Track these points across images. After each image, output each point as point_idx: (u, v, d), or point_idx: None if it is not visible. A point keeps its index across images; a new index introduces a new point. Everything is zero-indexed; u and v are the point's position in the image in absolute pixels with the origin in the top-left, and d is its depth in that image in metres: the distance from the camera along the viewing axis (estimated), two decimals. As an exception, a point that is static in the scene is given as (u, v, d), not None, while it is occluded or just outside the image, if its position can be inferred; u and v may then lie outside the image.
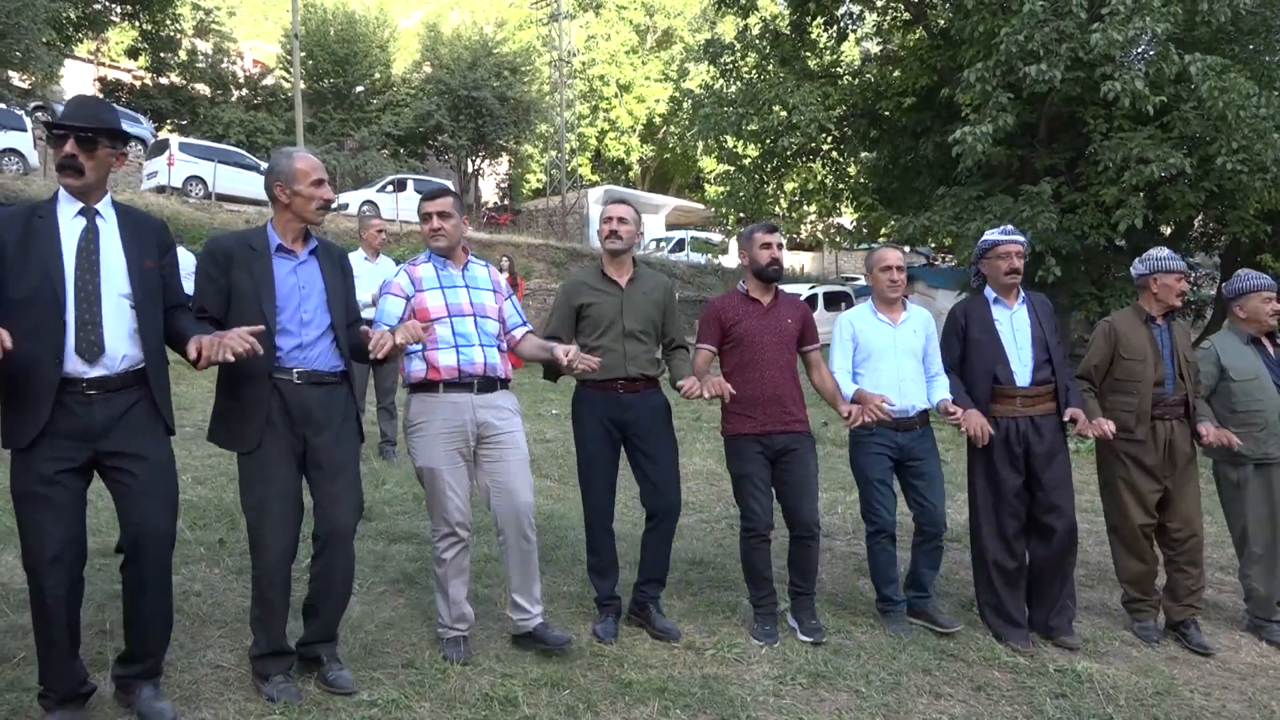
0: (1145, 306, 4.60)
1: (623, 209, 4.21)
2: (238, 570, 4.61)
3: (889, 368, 4.37)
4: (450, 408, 3.68)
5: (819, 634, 4.16)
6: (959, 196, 13.66)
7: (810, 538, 4.21)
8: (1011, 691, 3.76)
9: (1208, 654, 4.32)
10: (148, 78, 31.19)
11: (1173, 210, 12.88)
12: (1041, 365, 4.34)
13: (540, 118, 36.81)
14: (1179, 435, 4.50)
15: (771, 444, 4.14)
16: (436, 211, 3.80)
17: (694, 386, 3.91)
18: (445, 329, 3.71)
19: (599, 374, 3.93)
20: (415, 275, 3.83)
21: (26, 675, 3.28)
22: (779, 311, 4.25)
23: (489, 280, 3.94)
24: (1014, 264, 4.37)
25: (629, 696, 3.46)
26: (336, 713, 3.18)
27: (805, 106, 14.44)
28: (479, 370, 3.71)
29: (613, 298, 4.15)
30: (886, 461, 4.37)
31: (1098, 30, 11.22)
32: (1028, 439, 4.30)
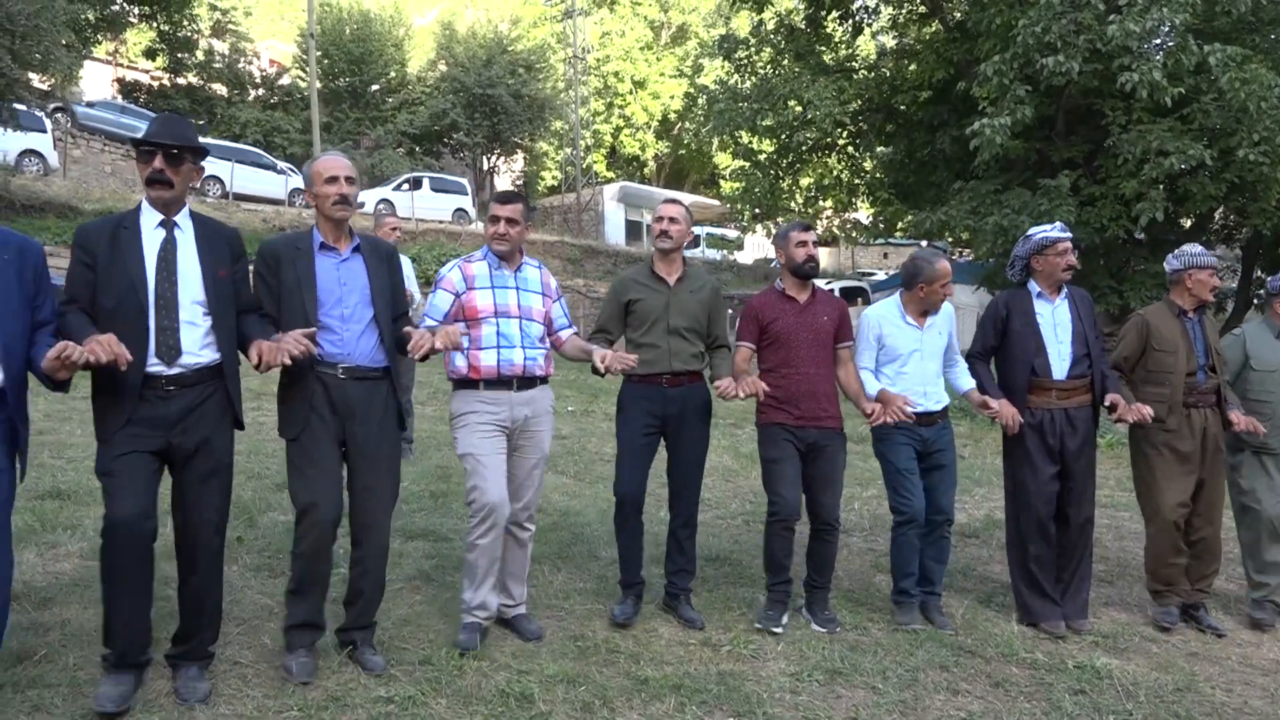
0: (1178, 300, 4.70)
1: (675, 209, 4.33)
2: (256, 568, 4.64)
3: (915, 371, 4.44)
4: (490, 403, 3.84)
5: (833, 625, 4.24)
6: (976, 190, 13.58)
7: (829, 533, 4.28)
8: (1030, 688, 3.73)
9: (1221, 635, 4.44)
10: (165, 78, 31.39)
11: (1193, 203, 12.74)
12: (1080, 359, 4.43)
13: (555, 115, 36.83)
14: (1212, 423, 4.59)
15: (804, 437, 4.22)
16: (506, 216, 3.90)
17: (730, 386, 3.97)
18: (490, 329, 3.85)
19: (644, 369, 4.10)
20: (469, 272, 3.94)
21: (49, 672, 3.32)
22: (815, 309, 4.33)
23: (539, 283, 4.07)
24: (1071, 260, 4.47)
25: (645, 693, 3.47)
26: (354, 709, 3.19)
27: (820, 101, 14.38)
28: (517, 371, 3.86)
29: (660, 295, 4.26)
30: (912, 451, 4.43)
31: (1115, 21, 11.12)
32: (1062, 431, 4.41)
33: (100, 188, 20.74)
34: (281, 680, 3.38)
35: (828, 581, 4.38)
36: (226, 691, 3.29)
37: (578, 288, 22.59)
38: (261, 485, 6.14)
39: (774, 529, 4.23)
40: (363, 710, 3.19)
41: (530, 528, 4.06)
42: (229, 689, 3.31)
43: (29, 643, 3.54)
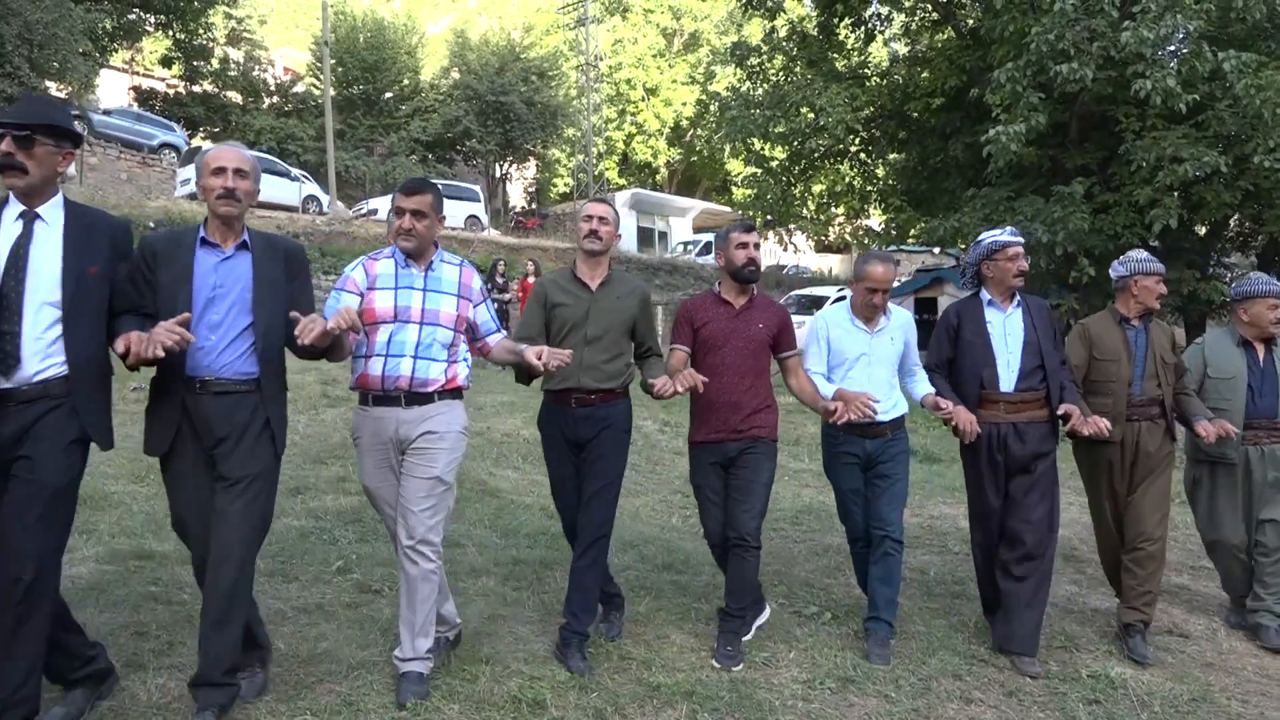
0: (1121, 308, 4.56)
1: (604, 208, 3.95)
2: (269, 573, 4.65)
3: (861, 376, 4.19)
4: (376, 422, 3.46)
5: (733, 662, 3.84)
6: (989, 198, 13.55)
7: (745, 547, 3.89)
8: (1043, 697, 3.72)
9: (1144, 664, 4.15)
10: (181, 86, 31.62)
11: (1208, 210, 12.70)
12: (1031, 371, 4.20)
13: (567, 122, 36.93)
14: (1146, 437, 4.41)
15: (725, 450, 3.99)
16: (411, 209, 3.44)
17: (666, 384, 3.68)
18: (385, 335, 3.43)
19: (555, 383, 3.84)
20: (373, 270, 3.51)
21: (64, 675, 3.33)
22: (751, 316, 4.06)
23: (456, 284, 3.59)
24: (1023, 265, 4.27)
25: (657, 700, 3.46)
26: (366, 714, 3.20)
27: (833, 108, 14.39)
28: (403, 384, 3.41)
29: (580, 301, 3.89)
30: (856, 471, 4.27)
31: (1129, 28, 11.10)
32: (1009, 446, 4.18)
33: (116, 195, 20.86)
34: (295, 684, 3.39)
35: (741, 610, 3.97)
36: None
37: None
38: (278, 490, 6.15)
39: (715, 555, 4.18)
40: (375, 715, 3.19)
41: (422, 564, 3.38)
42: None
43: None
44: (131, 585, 4.31)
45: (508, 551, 5.28)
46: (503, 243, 25.25)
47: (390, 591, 4.50)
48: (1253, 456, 4.64)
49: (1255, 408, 4.64)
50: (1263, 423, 4.64)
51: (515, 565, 5.02)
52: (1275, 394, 4.67)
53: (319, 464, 7.14)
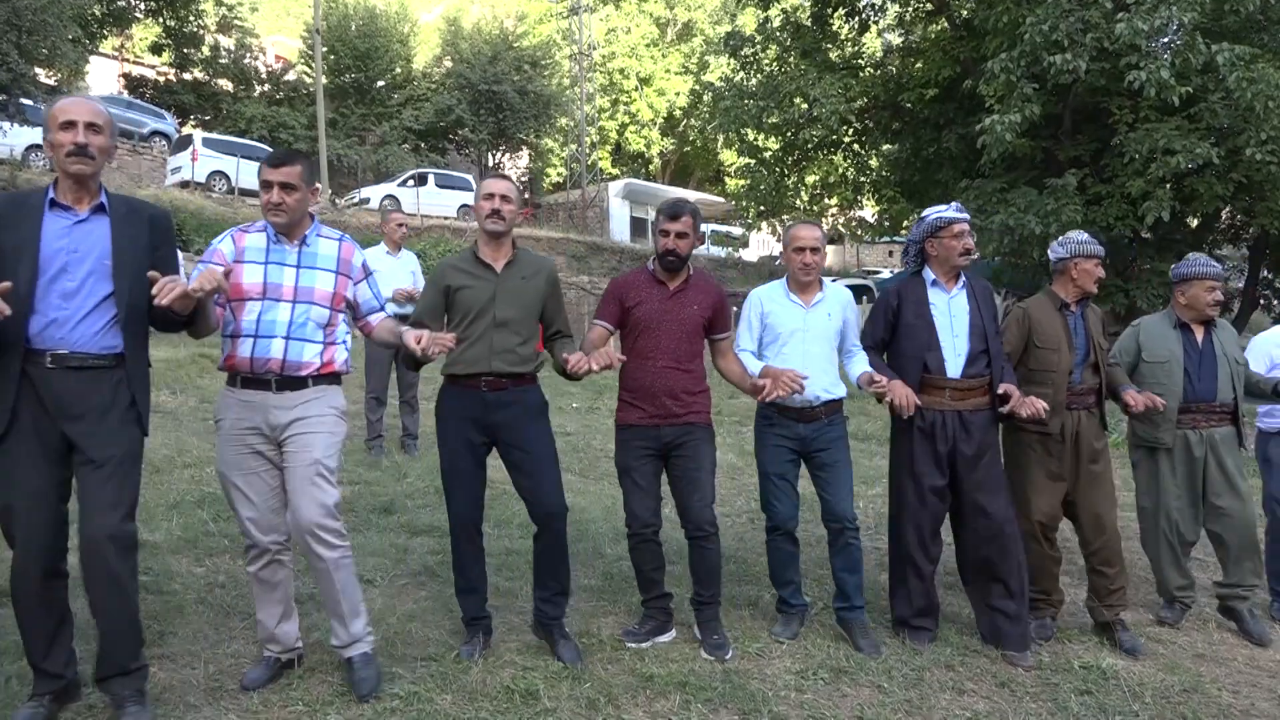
0: (1060, 292, 4.38)
1: (505, 185, 3.71)
2: (261, 562, 4.64)
3: (795, 353, 4.02)
4: (243, 406, 3.25)
5: (723, 650, 3.82)
6: (982, 189, 13.57)
7: (705, 537, 3.84)
8: (1035, 688, 3.72)
9: (1135, 656, 4.11)
10: (171, 73, 31.40)
11: (1200, 202, 12.72)
12: (977, 356, 4.05)
13: (560, 111, 36.79)
14: (1086, 427, 4.29)
15: (660, 436, 3.83)
16: (279, 182, 3.22)
17: (581, 360, 3.49)
18: (253, 313, 3.22)
19: (462, 368, 3.62)
20: (241, 244, 3.29)
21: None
22: (685, 297, 3.90)
23: (334, 259, 3.39)
24: (969, 244, 4.09)
25: (650, 690, 3.46)
26: (358, 704, 3.19)
27: (826, 99, 14.37)
28: (274, 367, 3.21)
29: (485, 283, 3.67)
30: (786, 454, 4.06)
31: (1123, 19, 11.10)
32: (954, 435, 4.02)
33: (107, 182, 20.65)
34: (287, 675, 3.38)
35: (715, 595, 3.91)
36: (230, 686, 3.29)
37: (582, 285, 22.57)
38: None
39: (631, 542, 3.92)
40: (367, 705, 3.19)
41: (325, 551, 3.21)
42: (232, 684, 3.31)
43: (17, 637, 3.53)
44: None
45: (500, 542, 5.27)
46: (495, 232, 25.13)
47: (383, 581, 4.49)
48: (1192, 440, 4.51)
49: (1193, 391, 4.51)
50: (1200, 406, 4.51)
51: (508, 556, 5.01)
52: (1214, 377, 4.53)
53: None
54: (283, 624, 3.38)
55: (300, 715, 3.11)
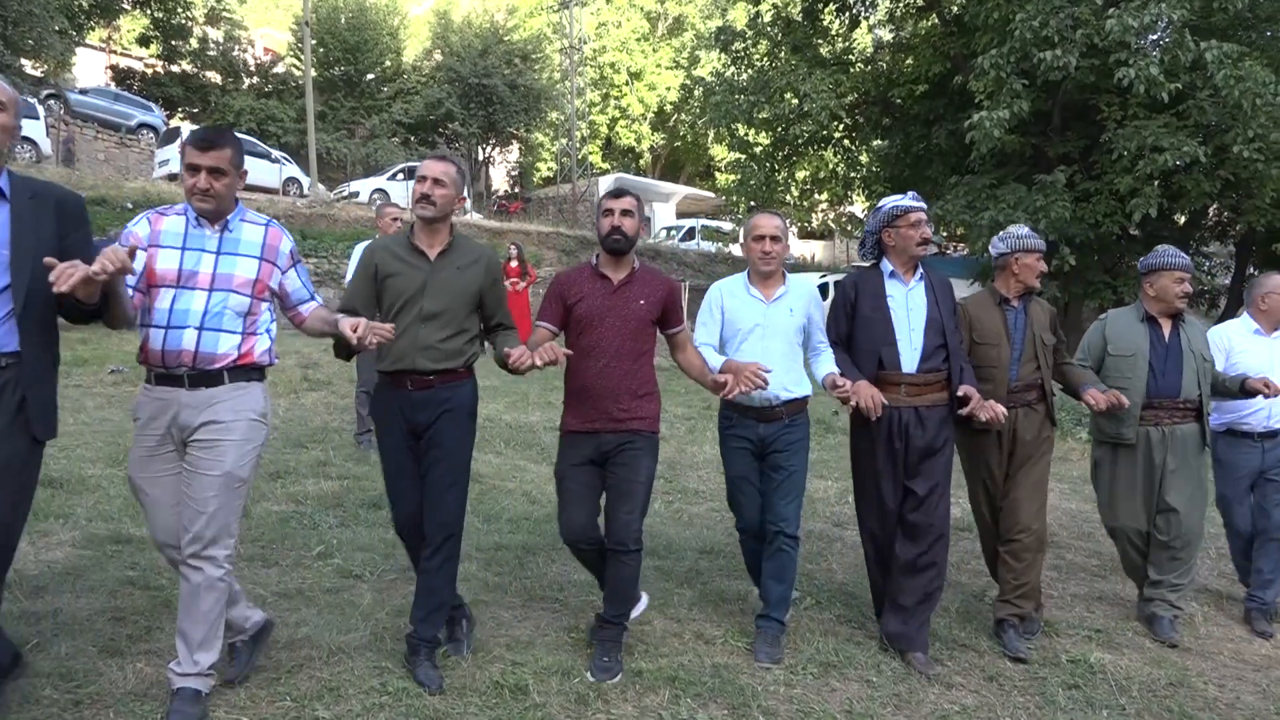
0: (1000, 288, 4.33)
1: (441, 167, 3.46)
2: (249, 557, 4.63)
3: (754, 349, 3.86)
4: (155, 403, 3.00)
5: (610, 673, 3.50)
6: (972, 185, 13.62)
7: (624, 552, 3.54)
8: (1023, 682, 3.74)
9: (1021, 660, 3.96)
10: (159, 65, 31.23)
11: (1187, 199, 12.80)
12: (934, 351, 3.93)
13: (551, 105, 36.73)
14: (1023, 424, 4.21)
15: (600, 443, 3.59)
16: (208, 166, 2.98)
17: (524, 355, 3.25)
18: (164, 302, 2.97)
19: (388, 364, 3.41)
20: (158, 227, 3.04)
21: (40, 660, 3.29)
22: (631, 291, 3.64)
23: (259, 245, 3.14)
24: (926, 233, 3.97)
25: (639, 685, 3.46)
26: (347, 700, 3.18)
27: (817, 94, 14.40)
28: (187, 360, 2.97)
29: (417, 271, 3.43)
30: (747, 456, 3.93)
31: (1113, 16, 11.15)
32: (909, 432, 3.90)
33: (94, 175, 20.60)
34: (275, 669, 3.36)
35: (620, 617, 3.65)
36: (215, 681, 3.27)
37: (572, 279, 22.52)
38: (256, 475, 6.11)
39: (569, 550, 3.71)
40: (356, 701, 3.18)
41: (208, 569, 2.97)
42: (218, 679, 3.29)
43: (20, 632, 3.51)
44: (109, 570, 4.27)
45: (490, 537, 5.27)
46: (485, 226, 25.12)
47: (372, 576, 4.48)
48: (1153, 437, 4.42)
49: (1156, 386, 4.42)
50: (1164, 402, 4.42)
51: (497, 550, 5.00)
52: (1179, 372, 4.44)
53: (299, 448, 7.09)
54: (231, 610, 3.18)
55: (288, 710, 3.10)
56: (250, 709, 3.09)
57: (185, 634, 3.00)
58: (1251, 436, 4.74)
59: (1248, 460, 4.75)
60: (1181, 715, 3.52)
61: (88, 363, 9.75)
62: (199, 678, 3.00)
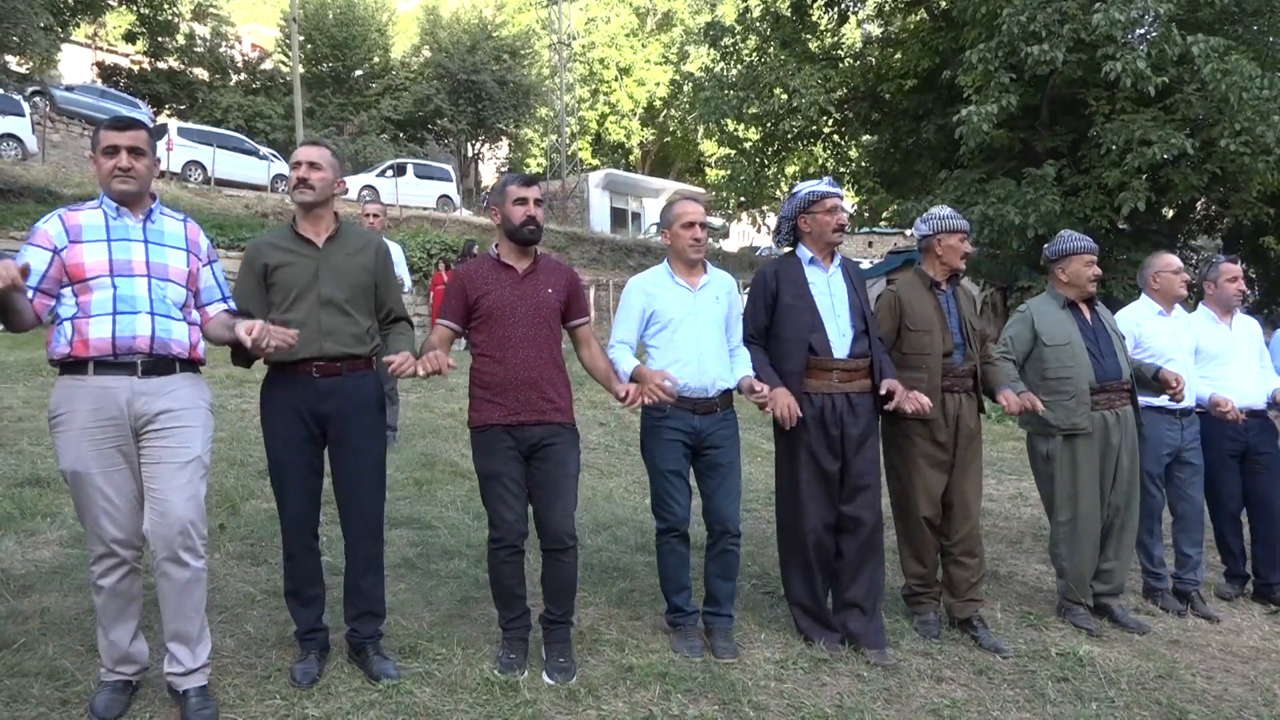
0: (928, 271, 4.25)
1: (313, 152, 3.35)
2: (238, 555, 4.61)
3: (688, 339, 3.77)
4: (100, 394, 2.88)
5: (568, 674, 3.43)
6: (961, 180, 13.64)
7: (563, 550, 3.50)
8: (1013, 675, 3.75)
9: (1002, 654, 3.94)
10: (146, 62, 31.08)
11: (1175, 192, 12.85)
12: (860, 335, 3.89)
13: (540, 101, 36.68)
14: (966, 410, 4.15)
15: (525, 436, 3.45)
16: (127, 145, 2.96)
17: (406, 361, 3.14)
18: (105, 292, 2.90)
19: (288, 354, 3.20)
20: (73, 222, 2.97)
21: (27, 660, 3.28)
22: (537, 280, 3.54)
23: (182, 238, 3.13)
24: (842, 219, 3.92)
25: (630, 681, 3.46)
26: (337, 697, 3.18)
27: (806, 89, 14.39)
28: (142, 346, 2.91)
29: (307, 260, 3.34)
30: (680, 449, 3.78)
31: (1100, 10, 11.17)
32: (844, 419, 3.84)
33: (80, 172, 20.48)
34: (264, 668, 3.35)
35: (567, 614, 3.58)
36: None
37: (562, 275, 22.52)
38: (244, 473, 6.09)
39: (498, 556, 3.48)
40: (345, 699, 3.17)
41: (192, 562, 2.95)
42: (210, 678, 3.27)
43: (7, 631, 3.50)
44: (97, 569, 4.24)
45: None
46: (475, 223, 25.09)
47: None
48: (1110, 421, 4.36)
49: (1103, 371, 4.37)
50: (1111, 385, 4.38)
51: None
52: (1115, 354, 4.44)
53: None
54: (136, 642, 3.05)
55: (278, 709, 3.09)
56: (240, 707, 3.08)
57: (180, 633, 2.98)
58: (1173, 414, 4.78)
59: (1170, 437, 4.78)
60: (1170, 707, 3.54)
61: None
62: (202, 673, 3.03)
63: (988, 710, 3.42)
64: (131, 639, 3.03)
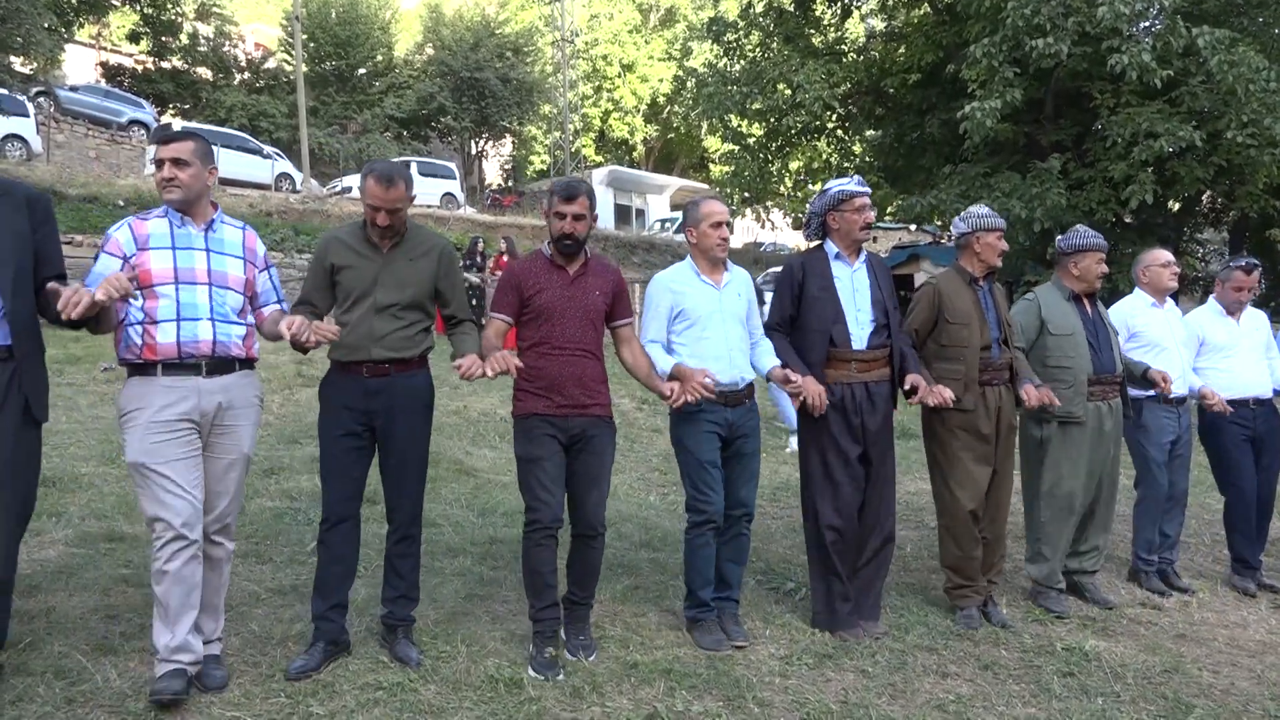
0: (967, 267, 4.36)
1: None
2: (243, 554, 4.62)
3: (716, 335, 3.88)
4: (167, 392, 3.09)
5: (589, 650, 3.64)
6: (965, 174, 13.61)
7: (593, 537, 3.67)
8: (1019, 670, 3.74)
9: (1009, 629, 4.16)
10: (149, 62, 31.12)
11: (1181, 185, 12.81)
12: (879, 328, 4.05)
13: (544, 98, 36.67)
14: (1006, 402, 4.30)
15: (567, 428, 3.58)
16: (170, 157, 3.14)
17: (473, 365, 3.29)
18: (169, 300, 3.10)
19: (345, 353, 3.44)
20: (142, 231, 3.16)
21: (34, 659, 3.29)
22: (587, 281, 3.66)
23: (241, 247, 3.32)
24: (869, 218, 4.06)
25: (635, 677, 3.46)
26: (341, 695, 3.18)
27: (810, 84, 14.37)
28: (205, 350, 3.13)
29: (369, 264, 3.46)
30: (716, 441, 3.89)
31: (1105, 3, 11.12)
32: (862, 408, 4.01)
33: (85, 172, 20.52)
34: (269, 666, 3.36)
35: (589, 597, 3.78)
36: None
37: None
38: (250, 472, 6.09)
39: (533, 539, 3.53)
40: (350, 697, 3.17)
41: (226, 544, 3.30)
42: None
43: (14, 630, 3.50)
44: (102, 568, 4.26)
45: (484, 531, 5.26)
46: (479, 220, 25.08)
47: (367, 573, 4.47)
48: (1103, 411, 4.51)
49: (1099, 363, 4.51)
50: (1105, 378, 4.52)
51: (492, 544, 5.00)
52: (1111, 348, 4.59)
53: (293, 444, 7.08)
54: (194, 632, 3.14)
55: (282, 706, 3.09)
56: (245, 705, 3.08)
57: (211, 604, 3.25)
58: (1170, 403, 4.92)
59: (1169, 424, 4.93)
60: (1176, 702, 3.52)
61: (80, 360, 9.72)
62: (217, 642, 3.32)
63: (993, 705, 3.42)
64: (190, 629, 3.12)
